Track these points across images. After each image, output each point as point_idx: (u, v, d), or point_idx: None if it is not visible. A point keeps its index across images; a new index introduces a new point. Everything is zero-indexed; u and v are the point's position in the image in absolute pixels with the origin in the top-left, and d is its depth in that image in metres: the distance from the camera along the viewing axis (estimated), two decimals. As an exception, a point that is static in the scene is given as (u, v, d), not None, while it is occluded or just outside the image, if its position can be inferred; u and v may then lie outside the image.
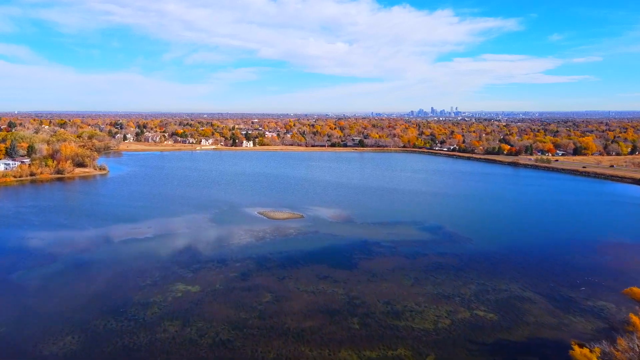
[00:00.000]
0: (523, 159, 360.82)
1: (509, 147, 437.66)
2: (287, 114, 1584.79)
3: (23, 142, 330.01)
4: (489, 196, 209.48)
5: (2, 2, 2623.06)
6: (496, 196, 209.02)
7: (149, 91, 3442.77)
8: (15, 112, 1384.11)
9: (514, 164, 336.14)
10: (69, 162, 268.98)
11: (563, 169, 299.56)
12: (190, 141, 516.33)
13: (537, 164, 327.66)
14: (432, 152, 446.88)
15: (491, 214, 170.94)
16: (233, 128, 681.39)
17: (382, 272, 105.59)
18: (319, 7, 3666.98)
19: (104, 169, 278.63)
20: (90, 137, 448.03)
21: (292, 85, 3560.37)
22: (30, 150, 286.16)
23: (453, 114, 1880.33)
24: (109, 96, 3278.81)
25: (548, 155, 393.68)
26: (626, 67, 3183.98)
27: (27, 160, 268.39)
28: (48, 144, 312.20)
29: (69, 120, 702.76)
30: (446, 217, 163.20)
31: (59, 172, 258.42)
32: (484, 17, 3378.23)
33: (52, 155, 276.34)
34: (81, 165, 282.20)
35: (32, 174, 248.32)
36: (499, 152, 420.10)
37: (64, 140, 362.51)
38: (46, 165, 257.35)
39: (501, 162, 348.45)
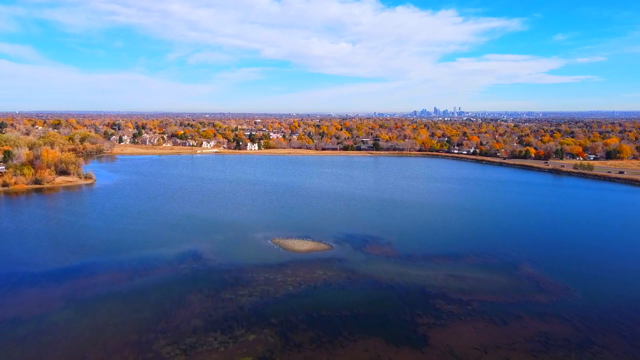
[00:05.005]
0: (561, 164, 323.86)
1: (535, 150, 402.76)
2: (290, 114, 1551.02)
3: (6, 145, 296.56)
4: (553, 215, 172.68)
5: (7, 2, 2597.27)
6: (563, 216, 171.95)
7: (152, 91, 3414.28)
8: (17, 112, 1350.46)
9: (555, 172, 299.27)
10: (49, 170, 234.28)
11: (617, 178, 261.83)
12: (191, 143, 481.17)
13: (579, 171, 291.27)
14: (454, 157, 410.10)
15: (574, 244, 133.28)
16: (236, 129, 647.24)
17: (467, 353, 70.28)
18: (323, 7, 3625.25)
19: (90, 178, 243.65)
20: (82, 140, 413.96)
21: (295, 85, 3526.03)
22: (7, 156, 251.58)
23: (456, 114, 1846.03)
24: (113, 96, 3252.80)
25: (581, 160, 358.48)
26: (630, 67, 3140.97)
27: (2, 168, 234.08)
28: (30, 149, 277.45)
29: (65, 121, 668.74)
30: (514, 246, 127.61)
31: (37, 181, 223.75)
32: (488, 17, 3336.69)
33: (32, 162, 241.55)
34: (65, 173, 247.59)
35: (4, 185, 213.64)
36: (526, 155, 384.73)
37: (51, 144, 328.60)
38: (22, 173, 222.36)
39: (539, 169, 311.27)
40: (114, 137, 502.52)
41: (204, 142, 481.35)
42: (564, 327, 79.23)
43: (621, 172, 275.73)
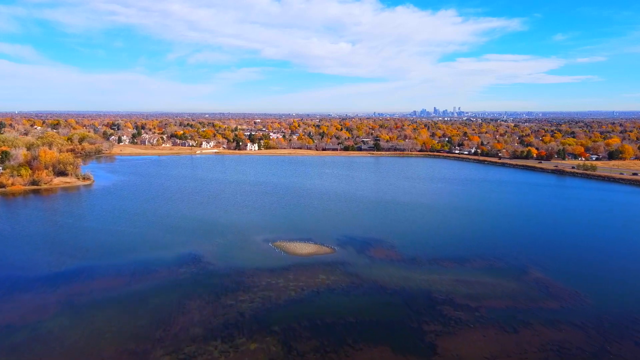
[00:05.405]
0: (565, 165, 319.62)
1: (536, 150, 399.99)
2: (289, 114, 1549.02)
3: (4, 145, 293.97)
4: (558, 217, 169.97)
5: (7, 2, 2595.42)
6: (568, 217, 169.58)
7: (152, 91, 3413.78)
8: (16, 112, 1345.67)
9: (559, 172, 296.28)
10: (47, 170, 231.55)
11: (622, 179, 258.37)
12: (190, 144, 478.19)
13: (583, 171, 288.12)
14: (456, 157, 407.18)
15: (581, 246, 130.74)
16: (235, 129, 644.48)
17: (478, 363, 67.65)
18: (323, 7, 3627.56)
19: (89, 179, 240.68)
20: (81, 140, 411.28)
21: (295, 85, 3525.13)
22: (4, 157, 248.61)
23: (456, 114, 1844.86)
24: (113, 96, 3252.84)
25: (584, 160, 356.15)
26: (630, 67, 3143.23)
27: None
28: (28, 149, 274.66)
29: (65, 121, 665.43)
30: (520, 249, 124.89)
31: (34, 182, 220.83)
32: (488, 17, 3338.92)
33: (30, 163, 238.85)
34: (63, 173, 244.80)
35: (1, 186, 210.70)
36: (528, 156, 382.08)
37: (49, 144, 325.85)
38: (19, 174, 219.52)
39: (542, 170, 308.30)
40: (113, 137, 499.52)
41: (204, 143, 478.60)
42: (576, 334, 76.55)
43: (635, 174, 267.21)
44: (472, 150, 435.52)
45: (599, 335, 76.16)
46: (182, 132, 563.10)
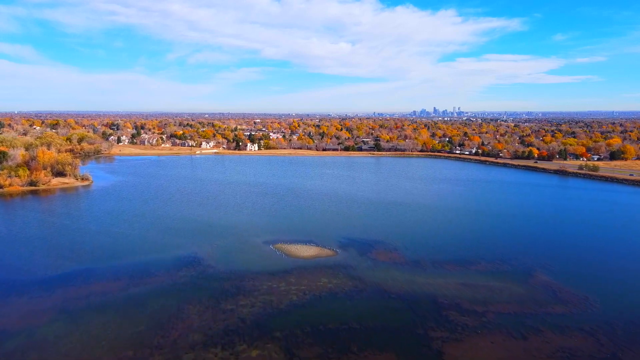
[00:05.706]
0: (568, 165, 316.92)
1: (538, 151, 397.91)
2: (289, 114, 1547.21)
3: (2, 145, 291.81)
4: (562, 218, 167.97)
5: (7, 2, 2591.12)
6: (573, 219, 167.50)
7: (152, 91, 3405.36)
8: (16, 112, 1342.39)
9: (561, 173, 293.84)
10: (45, 171, 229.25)
11: (625, 180, 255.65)
12: (190, 144, 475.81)
13: (586, 172, 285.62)
14: (457, 157, 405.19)
15: (587, 248, 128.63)
16: (235, 129, 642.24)
17: (487, 371, 65.50)
18: (323, 7, 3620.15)
19: (87, 179, 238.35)
20: (80, 140, 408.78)
21: (295, 85, 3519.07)
22: (2, 157, 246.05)
23: (456, 114, 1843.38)
24: (113, 96, 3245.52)
25: (585, 161, 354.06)
26: (630, 67, 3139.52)
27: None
28: (27, 149, 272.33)
29: (64, 121, 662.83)
30: (524, 251, 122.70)
31: (32, 183, 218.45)
32: (488, 17, 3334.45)
33: (28, 163, 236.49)
34: (61, 174, 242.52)
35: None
36: (530, 156, 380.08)
37: (48, 144, 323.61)
38: (16, 175, 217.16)
39: (545, 170, 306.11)
40: (112, 137, 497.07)
41: (203, 143, 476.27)
42: (587, 341, 74.40)
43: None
44: (473, 151, 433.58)
45: (609, 342, 74.02)
46: (181, 132, 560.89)
